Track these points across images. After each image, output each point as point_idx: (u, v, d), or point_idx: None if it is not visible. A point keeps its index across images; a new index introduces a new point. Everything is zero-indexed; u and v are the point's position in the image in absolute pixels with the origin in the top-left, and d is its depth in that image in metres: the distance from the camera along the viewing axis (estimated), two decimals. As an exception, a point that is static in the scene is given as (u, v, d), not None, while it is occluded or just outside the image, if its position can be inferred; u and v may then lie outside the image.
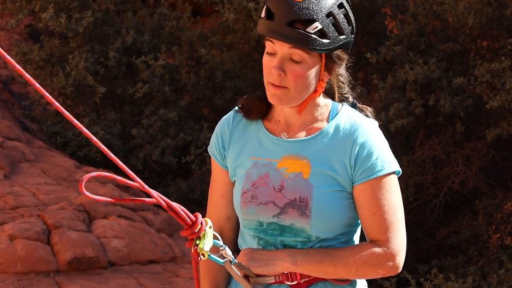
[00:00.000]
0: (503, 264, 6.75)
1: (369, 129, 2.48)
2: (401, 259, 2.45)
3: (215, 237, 2.44)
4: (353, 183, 2.46)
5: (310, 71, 2.42)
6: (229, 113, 2.63)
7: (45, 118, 8.21)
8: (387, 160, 2.46)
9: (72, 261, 5.77)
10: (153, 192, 2.29)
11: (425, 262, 7.25)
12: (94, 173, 2.18)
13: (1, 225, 5.98)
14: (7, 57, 1.94)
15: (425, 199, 7.50)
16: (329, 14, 2.39)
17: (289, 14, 2.36)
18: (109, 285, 5.69)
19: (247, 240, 2.56)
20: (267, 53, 2.45)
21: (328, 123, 2.50)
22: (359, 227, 2.55)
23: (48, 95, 2.06)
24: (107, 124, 8.00)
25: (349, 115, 2.51)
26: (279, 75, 2.41)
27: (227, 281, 2.66)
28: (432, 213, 7.49)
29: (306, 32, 2.36)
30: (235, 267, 2.49)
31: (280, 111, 2.54)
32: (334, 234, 2.48)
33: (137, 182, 2.26)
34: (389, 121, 6.89)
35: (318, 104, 2.51)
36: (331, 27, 2.40)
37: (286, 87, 2.43)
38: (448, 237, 7.45)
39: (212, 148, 2.63)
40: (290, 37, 2.37)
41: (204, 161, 7.66)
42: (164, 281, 5.92)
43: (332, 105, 2.53)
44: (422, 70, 6.93)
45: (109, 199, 2.32)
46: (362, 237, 2.54)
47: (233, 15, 7.75)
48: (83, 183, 2.16)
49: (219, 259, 2.48)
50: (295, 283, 2.48)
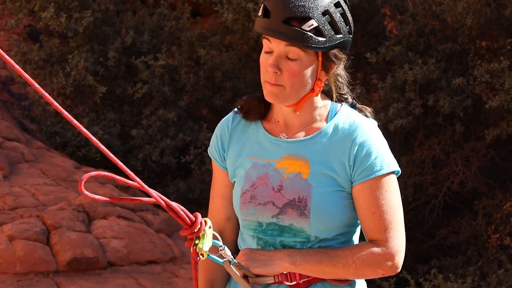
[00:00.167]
0: (503, 264, 6.74)
1: (368, 128, 2.48)
2: (400, 259, 2.45)
3: (215, 237, 2.44)
4: (352, 183, 2.45)
5: (306, 69, 2.42)
6: (228, 114, 2.63)
7: (44, 118, 8.21)
8: (386, 159, 2.45)
9: (71, 262, 5.77)
10: (153, 191, 2.29)
11: (424, 262, 7.25)
12: (93, 173, 2.19)
13: (0, 225, 5.98)
14: (6, 57, 1.94)
15: (424, 199, 7.50)
16: (325, 12, 2.39)
17: (285, 11, 2.37)
18: (108, 286, 5.69)
19: (246, 240, 2.56)
20: (264, 52, 2.45)
21: (327, 123, 2.50)
22: (358, 227, 2.55)
23: (47, 95, 2.05)
24: (106, 124, 8.00)
25: (348, 115, 2.51)
26: (275, 73, 2.41)
27: (225, 281, 2.65)
28: (431, 213, 7.49)
29: (301, 29, 2.37)
30: (234, 267, 2.48)
31: (279, 111, 2.54)
32: (333, 234, 2.48)
33: (137, 182, 2.26)
34: (388, 121, 6.89)
35: (316, 104, 2.51)
36: (327, 25, 2.39)
37: (282, 85, 2.43)
38: (447, 237, 7.45)
39: (212, 149, 2.63)
40: (285, 34, 2.37)
41: (203, 161, 7.65)
42: (163, 281, 5.92)
43: (331, 105, 2.53)
44: (421, 70, 6.93)
45: (108, 199, 2.32)
46: (361, 237, 2.54)
47: (232, 15, 7.75)
48: (83, 183, 2.16)
49: (218, 258, 2.47)
50: (294, 283, 2.48)
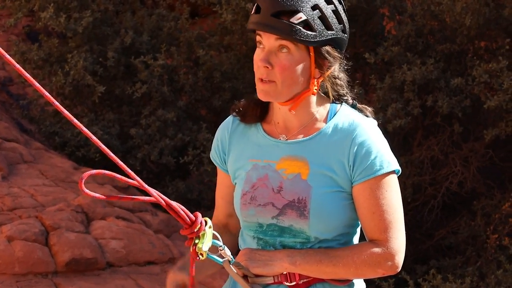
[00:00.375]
0: (501, 264, 6.74)
1: (368, 128, 2.47)
2: (400, 258, 2.44)
3: (215, 237, 2.44)
4: (352, 183, 2.45)
5: (297, 65, 2.42)
6: (228, 117, 2.64)
7: (43, 118, 8.20)
8: (386, 159, 2.45)
9: (70, 262, 5.77)
10: (153, 191, 2.29)
11: (423, 262, 7.25)
12: (94, 171, 2.19)
13: (-1, 226, 5.98)
14: (7, 56, 1.94)
15: (423, 200, 7.50)
16: (315, 6, 2.40)
17: (274, 5, 2.38)
18: (107, 286, 5.69)
19: (246, 240, 2.56)
20: (257, 49, 2.47)
21: (326, 124, 2.49)
22: (358, 228, 2.54)
23: (47, 94, 2.06)
24: (105, 124, 7.99)
25: (348, 115, 2.50)
26: (266, 67, 2.42)
27: (207, 270, 2.63)
28: (430, 213, 7.49)
29: (290, 22, 2.37)
30: (234, 267, 2.48)
31: (278, 112, 2.53)
32: (333, 235, 2.47)
33: (136, 180, 2.26)
34: (387, 122, 6.89)
35: (314, 104, 2.50)
36: (317, 20, 2.40)
37: (273, 81, 2.43)
38: (446, 238, 7.45)
39: (213, 153, 2.65)
40: (274, 28, 2.39)
41: (202, 161, 7.65)
42: (162, 282, 5.92)
43: (331, 106, 2.52)
44: (420, 70, 6.93)
45: (107, 197, 2.31)
46: (361, 238, 2.53)
47: (231, 16, 7.75)
48: (83, 181, 2.15)
49: (218, 258, 2.47)
50: (293, 283, 2.48)
